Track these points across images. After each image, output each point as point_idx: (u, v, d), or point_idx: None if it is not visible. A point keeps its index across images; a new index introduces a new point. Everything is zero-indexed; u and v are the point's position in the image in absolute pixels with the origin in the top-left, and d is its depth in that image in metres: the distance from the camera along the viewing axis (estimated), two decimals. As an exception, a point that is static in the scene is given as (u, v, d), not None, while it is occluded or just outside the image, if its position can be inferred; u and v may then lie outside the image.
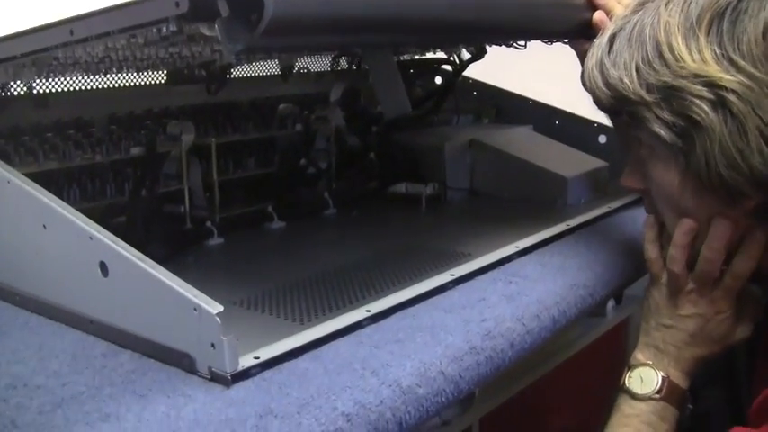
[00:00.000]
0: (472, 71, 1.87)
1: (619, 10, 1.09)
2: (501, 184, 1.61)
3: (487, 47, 1.73)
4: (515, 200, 1.58)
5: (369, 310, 0.96)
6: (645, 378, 1.04)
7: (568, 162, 1.61)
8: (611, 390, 1.08)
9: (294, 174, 1.52)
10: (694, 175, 0.92)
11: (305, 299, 1.03)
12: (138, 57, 1.10)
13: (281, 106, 1.60)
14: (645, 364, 1.05)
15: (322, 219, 1.48)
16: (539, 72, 2.14)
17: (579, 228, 1.35)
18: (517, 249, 1.20)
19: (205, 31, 0.76)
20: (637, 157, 1.03)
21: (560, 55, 1.36)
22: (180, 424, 0.73)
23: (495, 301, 1.03)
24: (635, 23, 0.95)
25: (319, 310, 0.99)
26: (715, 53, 0.86)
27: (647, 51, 0.91)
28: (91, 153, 1.28)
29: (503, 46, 1.56)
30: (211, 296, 0.82)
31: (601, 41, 0.99)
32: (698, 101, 0.87)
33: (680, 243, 1.01)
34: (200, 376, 0.81)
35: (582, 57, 1.14)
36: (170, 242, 1.25)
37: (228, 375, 0.79)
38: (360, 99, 1.74)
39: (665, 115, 0.90)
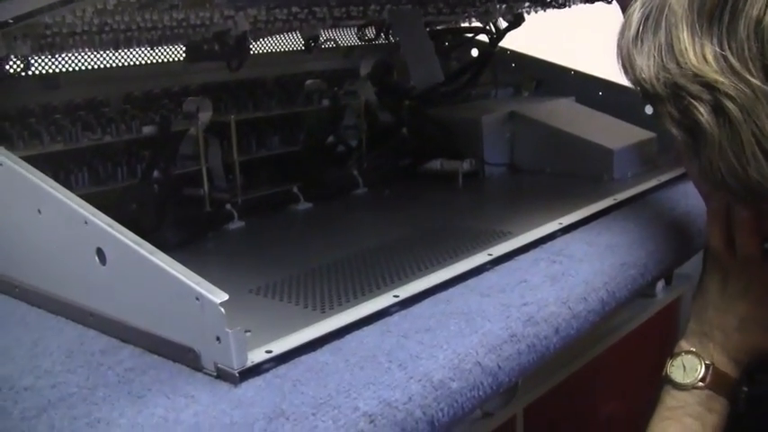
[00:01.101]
0: (511, 43, 1.78)
1: None
2: (543, 158, 1.51)
3: (526, 14, 1.63)
4: (558, 175, 1.48)
5: (397, 296, 0.86)
6: (688, 366, 0.97)
7: (614, 134, 1.51)
8: (661, 376, 0.99)
9: (322, 152, 1.43)
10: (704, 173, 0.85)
11: (328, 285, 0.94)
12: (142, 25, 1.02)
13: (309, 82, 1.52)
14: (688, 352, 0.98)
15: (351, 199, 1.39)
16: (579, 41, 2.04)
17: (627, 202, 1.25)
18: (561, 226, 1.10)
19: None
20: None
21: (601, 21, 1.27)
22: (177, 430, 0.64)
23: (538, 282, 0.93)
24: (659, 1, 0.84)
25: (343, 296, 0.90)
26: (715, 51, 0.76)
27: (661, 41, 0.81)
28: (100, 134, 1.21)
29: (544, 9, 1.47)
30: (228, 284, 0.73)
31: (632, 16, 0.87)
32: (697, 103, 0.78)
33: (712, 219, 1.00)
34: (205, 373, 0.73)
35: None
36: (187, 227, 1.16)
37: (236, 372, 0.70)
38: (392, 72, 1.65)
39: (675, 113, 0.81)
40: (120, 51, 1.36)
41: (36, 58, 1.19)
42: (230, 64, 1.37)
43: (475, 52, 1.84)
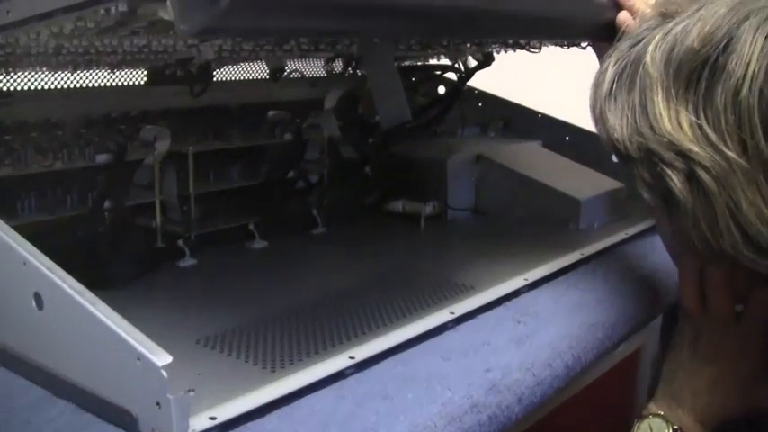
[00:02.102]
0: (479, 82, 1.74)
1: (645, 11, 0.95)
2: (508, 204, 1.47)
3: (495, 53, 1.60)
4: (523, 222, 1.44)
5: (352, 357, 0.81)
6: (655, 429, 0.93)
7: (582, 182, 1.48)
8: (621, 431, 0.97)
9: (282, 187, 1.37)
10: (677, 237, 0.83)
11: (280, 338, 0.88)
12: (101, 50, 0.96)
13: (271, 113, 1.47)
14: (656, 415, 0.94)
15: (309, 238, 1.33)
16: (548, 84, 2.02)
17: (595, 256, 1.22)
18: (526, 282, 1.06)
19: (163, 14, 0.61)
20: None
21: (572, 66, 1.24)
22: (107, 508, 0.59)
23: (502, 345, 0.89)
24: (634, 57, 0.80)
25: (295, 353, 0.84)
26: (690, 119, 0.73)
27: (635, 102, 0.77)
28: (52, 159, 1.15)
29: (515, 50, 1.44)
30: (174, 332, 0.69)
31: (605, 73, 0.84)
32: (670, 171, 0.74)
33: (685, 278, 0.96)
34: (142, 439, 0.67)
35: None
36: (136, 262, 1.10)
37: (175, 442, 0.65)
38: (357, 106, 1.60)
39: (647, 177, 0.78)
40: (78, 73, 1.31)
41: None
42: (192, 89, 1.32)
43: (442, 89, 1.80)
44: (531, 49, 1.35)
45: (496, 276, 1.08)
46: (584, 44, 1.26)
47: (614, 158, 1.56)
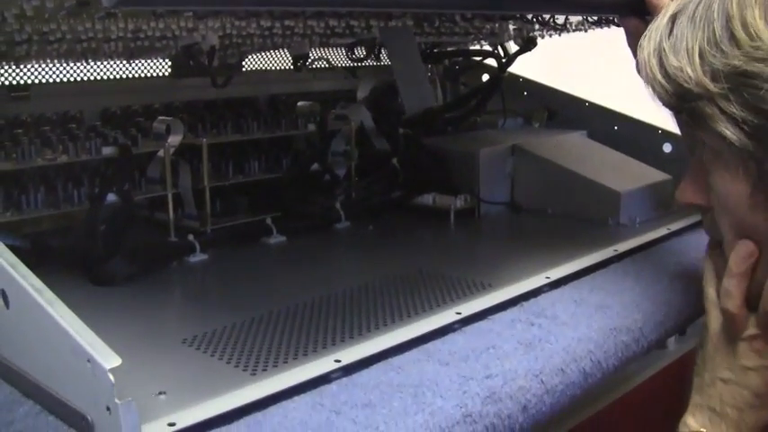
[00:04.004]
0: (524, 69, 1.67)
1: None
2: (545, 197, 1.40)
3: (539, 39, 1.53)
4: (560, 217, 1.36)
5: (338, 360, 0.75)
6: None
7: (624, 174, 1.40)
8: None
9: (304, 180, 1.32)
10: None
11: (269, 339, 0.82)
12: (91, 35, 0.92)
13: (300, 104, 1.42)
14: None
15: (330, 234, 1.27)
16: (597, 72, 1.93)
17: (630, 254, 1.14)
18: (548, 281, 0.99)
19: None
20: (699, 163, 0.82)
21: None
22: None
23: (509, 350, 0.82)
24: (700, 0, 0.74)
25: (281, 355, 0.79)
26: None
27: (713, 30, 0.72)
28: (60, 152, 1.12)
29: (553, 33, 1.37)
30: (164, 330, 0.67)
31: (659, 23, 0.78)
32: None
33: (736, 271, 0.81)
34: (96, 446, 0.62)
35: (633, 38, 0.95)
36: (141, 259, 1.06)
37: (125, 451, 0.60)
38: (397, 98, 1.54)
39: (733, 110, 0.70)
40: (93, 64, 1.28)
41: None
42: (215, 81, 1.28)
43: (486, 77, 1.73)
44: (571, 30, 1.27)
45: (517, 274, 1.01)
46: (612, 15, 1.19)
47: (666, 149, 1.50)
